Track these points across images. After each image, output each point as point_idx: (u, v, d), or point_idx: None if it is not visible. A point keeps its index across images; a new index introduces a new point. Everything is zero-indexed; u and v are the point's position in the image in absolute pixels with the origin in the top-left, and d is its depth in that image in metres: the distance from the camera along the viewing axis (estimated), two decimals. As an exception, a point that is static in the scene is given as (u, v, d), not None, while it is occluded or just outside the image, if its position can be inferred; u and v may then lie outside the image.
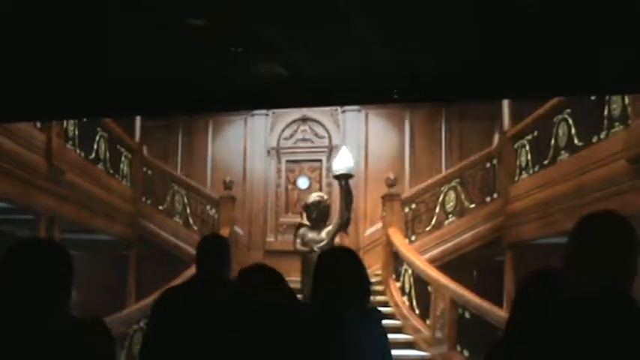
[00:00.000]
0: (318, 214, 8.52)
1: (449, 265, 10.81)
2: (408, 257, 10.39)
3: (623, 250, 1.85)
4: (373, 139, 13.02)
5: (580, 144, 9.28)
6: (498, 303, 9.19)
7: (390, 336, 3.26)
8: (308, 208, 8.50)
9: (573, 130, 9.55)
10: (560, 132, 9.92)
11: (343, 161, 8.60)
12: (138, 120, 11.87)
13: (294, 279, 7.66)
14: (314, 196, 8.60)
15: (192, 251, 3.96)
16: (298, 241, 8.78)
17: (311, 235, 8.77)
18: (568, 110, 9.68)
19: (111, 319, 7.91)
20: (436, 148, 12.84)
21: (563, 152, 9.80)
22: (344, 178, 8.62)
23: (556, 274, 2.12)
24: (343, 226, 8.93)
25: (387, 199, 11.41)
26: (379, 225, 12.74)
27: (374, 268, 12.17)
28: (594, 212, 2.01)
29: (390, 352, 3.14)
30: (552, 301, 1.87)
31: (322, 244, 8.30)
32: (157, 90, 4.76)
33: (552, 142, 10.02)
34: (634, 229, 1.90)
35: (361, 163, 12.94)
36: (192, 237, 11.48)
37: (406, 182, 12.69)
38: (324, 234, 8.43)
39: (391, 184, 11.46)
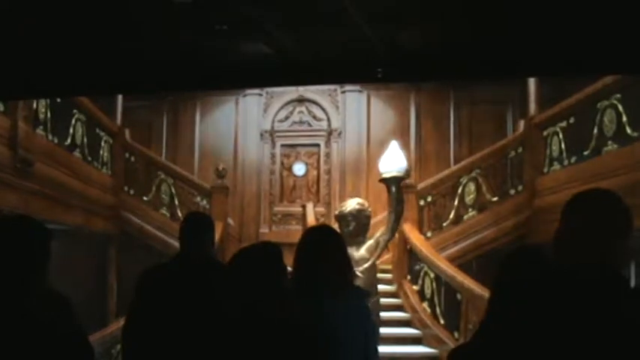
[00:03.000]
0: (356, 227, 6.01)
1: (469, 264, 8.96)
2: (430, 258, 8.41)
3: (614, 229, 1.67)
4: (376, 123, 11.01)
5: (635, 134, 7.44)
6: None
7: (407, 348, 3.40)
8: (343, 218, 6.02)
9: (624, 118, 7.68)
10: (607, 119, 8.00)
11: (394, 160, 5.86)
12: (119, 100, 9.61)
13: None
14: (352, 204, 6.00)
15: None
16: None
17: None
18: (617, 95, 7.76)
19: (93, 339, 5.79)
20: (444, 134, 10.89)
21: (610, 143, 7.94)
22: (395, 183, 6.07)
23: (536, 251, 1.97)
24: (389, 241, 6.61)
25: (400, 190, 9.42)
26: (382, 216, 10.82)
27: (380, 261, 10.28)
28: (586, 190, 1.80)
29: (374, 332, 2.90)
30: (533, 277, 1.74)
31: (366, 266, 6.07)
32: (141, 68, 4.29)
33: (595, 130, 8.13)
34: (626, 209, 1.69)
35: (363, 149, 10.97)
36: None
37: (412, 170, 10.76)
38: (363, 251, 6.05)
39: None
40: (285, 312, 2.53)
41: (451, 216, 9.43)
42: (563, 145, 8.81)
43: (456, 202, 9.49)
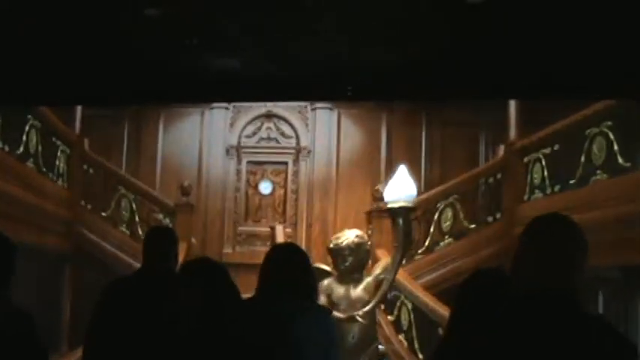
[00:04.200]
0: (354, 262, 5.06)
1: (448, 293, 8.20)
2: (409, 288, 7.58)
3: (571, 251, 1.62)
4: (346, 143, 10.15)
5: (627, 164, 6.84)
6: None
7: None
8: (339, 252, 5.04)
9: (616, 147, 7.07)
10: (595, 148, 7.38)
11: (402, 187, 5.00)
12: (78, 108, 8.55)
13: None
14: (350, 236, 5.08)
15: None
16: (322, 299, 5.02)
17: (341, 290, 5.16)
18: (608, 123, 7.15)
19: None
20: (415, 156, 10.08)
21: (599, 172, 7.31)
22: (402, 214, 5.01)
23: (496, 273, 1.95)
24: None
25: (375, 215, 8.59)
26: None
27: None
28: (543, 215, 1.76)
29: (335, 348, 2.62)
30: (493, 299, 1.72)
31: (366, 309, 5.17)
32: (107, 80, 4.03)
33: (582, 158, 7.49)
34: (581, 231, 1.67)
35: (332, 169, 10.13)
36: (140, 251, 8.33)
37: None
38: (361, 291, 5.09)
39: (380, 196, 8.62)
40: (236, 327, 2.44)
41: (427, 243, 8.66)
42: (546, 173, 8.14)
43: (432, 229, 8.74)
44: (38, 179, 7.52)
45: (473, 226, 8.57)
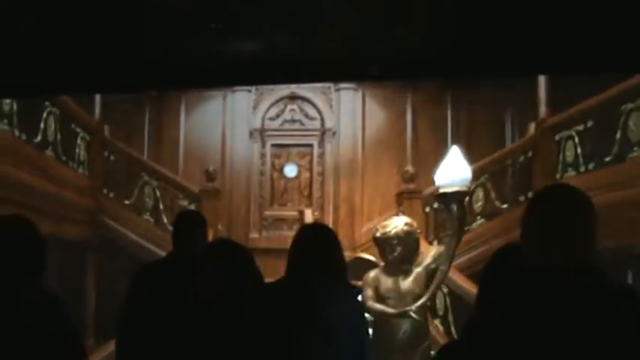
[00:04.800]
0: (403, 252, 4.42)
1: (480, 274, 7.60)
2: (450, 277, 7.02)
3: (583, 223, 1.48)
4: (371, 124, 9.54)
5: (663, 139, 6.17)
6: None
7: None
8: (387, 241, 4.38)
9: (653, 122, 6.42)
10: (632, 123, 6.73)
11: (455, 170, 4.37)
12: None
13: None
14: (399, 224, 4.50)
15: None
16: (369, 292, 4.47)
17: (389, 282, 4.51)
18: (645, 97, 6.55)
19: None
20: (441, 136, 9.46)
21: (636, 149, 6.67)
22: (457, 199, 4.41)
23: (520, 250, 1.61)
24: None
25: (405, 196, 7.96)
26: (377, 221, 9.35)
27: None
28: (550, 186, 1.72)
29: (365, 328, 2.57)
30: (515, 277, 1.55)
31: (419, 304, 4.54)
32: (128, 66, 3.74)
33: (618, 135, 6.85)
34: (591, 202, 1.52)
35: (357, 150, 9.51)
36: (165, 239, 7.78)
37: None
38: (411, 283, 4.46)
39: (410, 178, 8.00)
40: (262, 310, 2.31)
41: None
42: (579, 150, 7.50)
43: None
44: (58, 168, 6.98)
45: (505, 206, 7.96)
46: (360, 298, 2.82)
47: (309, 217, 8.04)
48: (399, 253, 4.51)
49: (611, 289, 1.41)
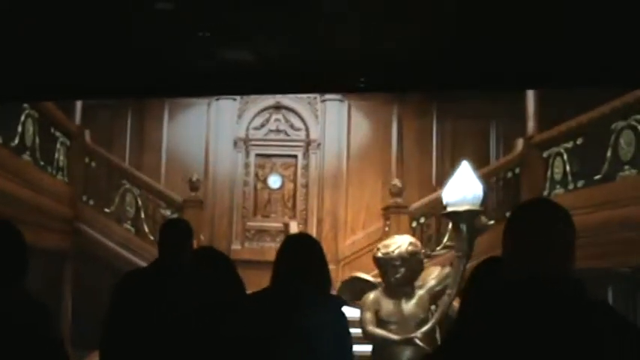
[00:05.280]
0: (406, 274, 4.07)
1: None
2: None
3: (563, 236, 1.44)
4: (356, 135, 9.15)
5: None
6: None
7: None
8: (390, 262, 4.08)
9: (646, 141, 6.18)
10: (622, 141, 6.51)
11: (465, 187, 4.00)
12: (79, 97, 7.49)
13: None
14: (403, 244, 4.15)
15: (147, 267, 2.92)
16: (368, 316, 4.09)
17: (391, 306, 4.13)
18: (637, 116, 6.30)
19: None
20: (427, 148, 9.16)
21: (627, 168, 6.43)
22: (466, 219, 4.06)
23: (502, 262, 1.57)
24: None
25: (392, 210, 7.60)
26: (361, 234, 9.02)
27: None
28: (531, 200, 1.74)
29: (349, 340, 2.35)
30: (496, 288, 1.50)
31: (426, 328, 3.95)
32: (115, 73, 3.63)
33: (609, 153, 6.61)
34: (570, 216, 1.48)
35: (342, 162, 9.13)
36: (146, 249, 7.28)
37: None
38: (413, 306, 4.10)
39: (397, 192, 7.65)
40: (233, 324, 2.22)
41: (445, 240, 7.73)
42: (568, 168, 7.26)
43: (450, 225, 7.79)
44: (36, 174, 6.44)
45: (491, 222, 7.64)
46: (344, 309, 2.48)
47: (294, 229, 7.62)
48: (402, 275, 4.12)
49: (589, 302, 1.39)
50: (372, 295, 4.26)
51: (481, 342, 1.36)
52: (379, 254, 4.28)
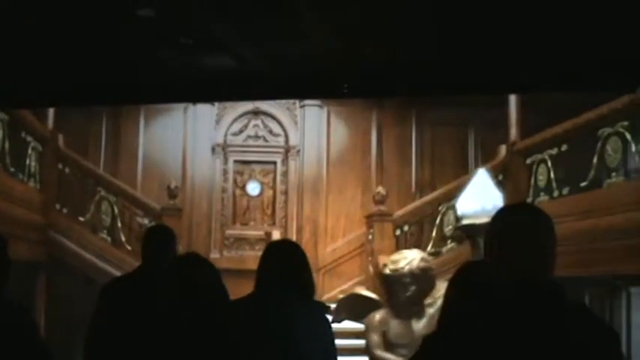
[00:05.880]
0: (417, 292, 3.67)
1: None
2: None
3: (545, 239, 1.42)
4: (336, 142, 8.69)
5: (645, 167, 5.64)
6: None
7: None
8: (399, 279, 3.62)
9: (634, 148, 5.92)
10: (609, 148, 6.22)
11: (483, 197, 3.59)
12: (52, 100, 6.86)
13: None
14: (414, 259, 3.73)
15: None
16: (375, 339, 3.69)
17: (399, 327, 3.71)
18: (625, 123, 6.02)
19: None
20: (406, 156, 8.79)
21: (614, 175, 6.15)
22: (484, 233, 3.46)
23: (485, 266, 1.60)
24: None
25: (376, 219, 7.15)
26: (341, 242, 8.58)
27: (336, 291, 8.05)
28: (513, 204, 1.71)
29: (333, 346, 2.26)
30: (477, 291, 1.45)
31: None
32: (93, 80, 3.44)
33: (595, 160, 6.33)
34: (551, 219, 1.46)
35: (322, 168, 8.67)
36: (123, 259, 6.67)
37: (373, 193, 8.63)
38: (424, 327, 3.64)
39: (380, 199, 7.24)
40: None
41: (429, 248, 7.35)
42: (552, 175, 6.96)
43: (434, 233, 7.43)
44: (5, 180, 5.80)
45: (475, 229, 7.32)
46: (329, 317, 2.41)
47: (276, 238, 7.15)
48: (412, 293, 3.68)
49: (569, 304, 1.36)
50: (377, 316, 3.80)
51: (463, 343, 1.32)
52: (387, 271, 3.83)
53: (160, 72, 3.50)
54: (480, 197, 3.63)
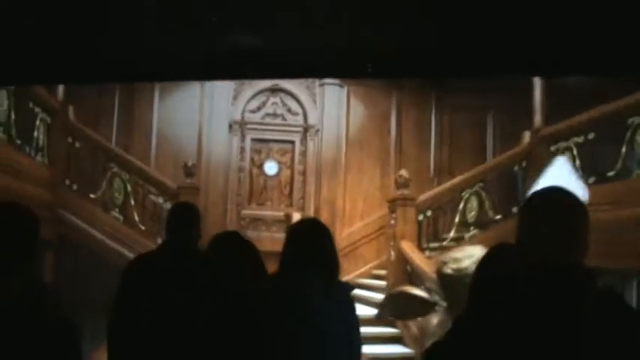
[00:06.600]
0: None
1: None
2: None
3: (576, 224, 1.28)
4: (355, 122, 7.90)
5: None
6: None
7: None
8: (463, 280, 2.51)
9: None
10: (639, 138, 5.47)
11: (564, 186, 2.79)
12: (63, 69, 6.00)
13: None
14: (476, 256, 2.58)
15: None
16: None
17: None
18: (656, 112, 5.25)
19: None
20: (425, 139, 7.98)
21: (644, 165, 5.35)
22: None
23: (513, 249, 1.39)
24: None
25: (399, 203, 6.35)
26: (359, 224, 7.81)
27: (354, 275, 7.31)
28: (544, 188, 1.40)
29: (357, 327, 2.13)
30: (508, 277, 1.34)
31: None
32: (116, 56, 3.00)
33: (623, 149, 5.56)
34: (583, 204, 1.30)
35: (341, 149, 7.84)
36: (136, 239, 5.88)
37: (391, 176, 7.85)
38: None
39: (403, 183, 6.44)
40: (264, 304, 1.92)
41: (452, 234, 6.59)
42: (578, 163, 6.20)
43: (457, 219, 6.66)
44: (11, 154, 4.96)
45: (498, 217, 6.56)
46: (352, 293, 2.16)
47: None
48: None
49: (599, 290, 1.21)
50: (435, 320, 3.05)
51: (490, 328, 1.20)
52: (448, 270, 3.04)
53: (184, 50, 3.05)
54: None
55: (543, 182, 3.05)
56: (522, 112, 6.81)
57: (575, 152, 6.20)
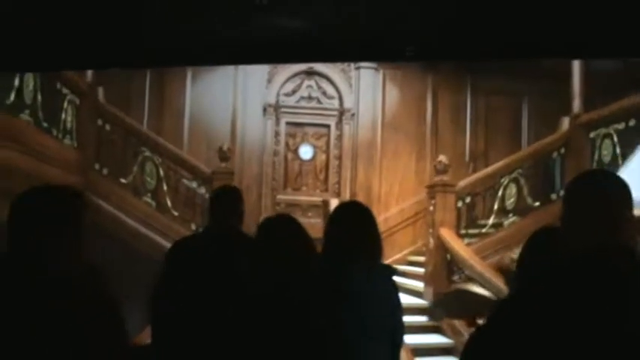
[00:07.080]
0: None
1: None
2: (485, 276, 4.89)
3: (620, 206, 1.17)
4: (391, 106, 7.28)
5: None
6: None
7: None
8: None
9: None
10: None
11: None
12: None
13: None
14: None
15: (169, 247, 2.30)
16: None
17: None
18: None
19: None
20: (460, 124, 7.34)
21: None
22: None
23: (557, 233, 1.29)
24: None
25: (439, 189, 5.70)
26: (395, 210, 7.23)
27: (389, 261, 6.72)
28: (586, 171, 1.33)
29: (400, 309, 1.97)
30: (554, 260, 1.24)
31: None
32: (163, 40, 2.79)
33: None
34: (628, 186, 1.18)
35: (377, 133, 7.24)
36: (169, 226, 5.39)
37: (427, 160, 7.23)
38: None
39: (442, 169, 5.82)
40: (311, 292, 1.83)
41: (491, 221, 5.97)
42: (618, 150, 5.53)
43: (496, 206, 6.03)
44: (37, 137, 4.49)
45: (537, 203, 5.92)
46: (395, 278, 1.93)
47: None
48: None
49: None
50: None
51: (534, 315, 1.09)
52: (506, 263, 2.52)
53: (236, 34, 2.82)
54: None
55: (629, 175, 2.42)
56: (556, 97, 6.23)
57: (615, 139, 5.58)
